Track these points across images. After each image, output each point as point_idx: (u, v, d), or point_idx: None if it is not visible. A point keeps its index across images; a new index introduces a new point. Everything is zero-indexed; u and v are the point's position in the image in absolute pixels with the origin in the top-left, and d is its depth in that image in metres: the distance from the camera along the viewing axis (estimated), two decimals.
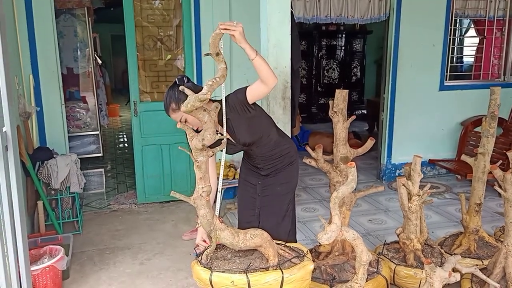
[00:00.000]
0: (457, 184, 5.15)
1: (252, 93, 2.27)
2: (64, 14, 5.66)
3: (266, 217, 2.59)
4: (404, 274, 2.88)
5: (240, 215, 2.76)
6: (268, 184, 2.57)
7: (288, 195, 2.61)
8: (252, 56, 2.14)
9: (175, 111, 2.29)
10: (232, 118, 2.32)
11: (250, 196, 2.65)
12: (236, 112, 2.31)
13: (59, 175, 3.73)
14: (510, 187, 2.51)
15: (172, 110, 2.29)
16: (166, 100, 2.30)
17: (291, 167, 2.57)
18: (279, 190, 2.56)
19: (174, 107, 2.28)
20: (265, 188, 2.58)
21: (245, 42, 2.11)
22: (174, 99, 2.26)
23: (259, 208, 2.61)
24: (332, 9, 4.67)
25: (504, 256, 2.57)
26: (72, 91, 6.06)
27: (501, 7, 5.24)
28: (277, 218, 2.58)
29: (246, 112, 2.31)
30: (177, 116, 2.30)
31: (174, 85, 2.29)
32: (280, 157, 2.52)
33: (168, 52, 4.49)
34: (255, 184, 2.62)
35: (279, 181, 2.55)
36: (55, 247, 3.03)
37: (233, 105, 2.31)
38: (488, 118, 3.00)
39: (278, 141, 2.51)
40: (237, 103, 2.29)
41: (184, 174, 4.58)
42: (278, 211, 2.58)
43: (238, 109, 2.30)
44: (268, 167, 2.54)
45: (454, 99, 5.24)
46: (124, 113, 10.74)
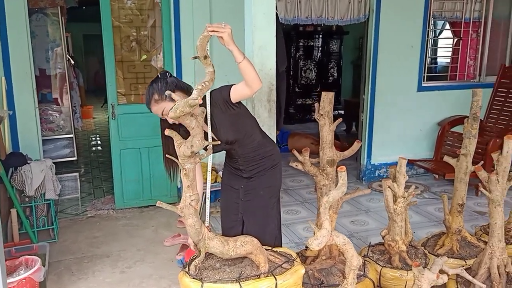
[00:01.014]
0: (435, 183, 5.23)
1: (235, 93, 2.24)
2: (36, 13, 5.47)
3: (250, 223, 2.54)
4: (390, 276, 2.88)
5: (223, 221, 2.70)
6: (251, 188, 2.51)
7: (272, 199, 2.57)
8: (240, 59, 2.11)
9: (157, 102, 2.25)
10: (215, 114, 2.29)
11: (233, 201, 2.59)
12: (219, 109, 2.28)
13: (33, 181, 3.59)
14: (495, 188, 2.54)
15: (155, 101, 2.25)
16: (148, 92, 2.27)
17: (274, 170, 2.53)
18: (262, 194, 2.51)
19: (156, 97, 2.25)
20: (248, 193, 2.52)
21: (233, 44, 2.07)
22: (157, 90, 2.24)
23: (242, 213, 2.55)
24: (312, 10, 4.66)
25: (489, 256, 2.60)
26: (45, 93, 5.86)
27: (477, 9, 5.34)
28: (262, 223, 2.53)
29: (229, 109, 2.28)
30: (159, 109, 2.27)
31: (156, 79, 2.29)
32: (262, 159, 2.48)
33: (145, 52, 4.39)
34: (237, 188, 2.56)
35: (262, 185, 2.51)
36: (31, 257, 2.90)
37: (216, 101, 2.28)
38: (470, 119, 3.03)
39: (261, 142, 2.47)
40: (221, 100, 2.27)
41: (164, 178, 4.44)
42: (263, 216, 2.54)
43: (221, 106, 2.28)
44: (251, 169, 2.49)
45: (432, 100, 5.31)
46: (97, 115, 10.50)
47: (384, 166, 5.24)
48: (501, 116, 5.12)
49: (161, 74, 2.32)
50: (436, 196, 4.80)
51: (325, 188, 2.77)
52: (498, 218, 2.57)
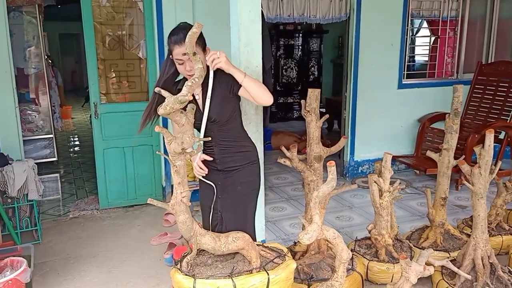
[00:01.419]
0: (416, 179, 5.33)
1: (243, 93, 2.29)
2: (14, 11, 5.35)
3: (229, 220, 2.47)
4: (377, 270, 2.94)
5: (204, 219, 2.62)
6: (228, 184, 2.44)
7: (250, 196, 2.50)
8: (241, 78, 2.21)
9: (181, 46, 2.19)
10: (212, 88, 2.28)
11: (211, 198, 2.50)
12: (219, 85, 2.29)
13: (15, 182, 3.51)
14: (478, 181, 2.61)
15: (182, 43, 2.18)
16: (185, 32, 2.08)
17: (252, 166, 2.47)
18: (239, 189, 2.44)
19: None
20: (225, 190, 2.45)
21: (232, 67, 2.18)
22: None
23: (220, 211, 2.48)
24: (294, 9, 4.70)
25: (473, 248, 2.67)
26: (23, 93, 5.72)
27: (454, 8, 5.46)
28: (241, 220, 2.47)
29: (228, 92, 2.30)
30: (181, 51, 2.19)
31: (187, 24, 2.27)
32: (239, 152, 2.43)
33: (127, 50, 4.34)
34: (214, 185, 2.47)
35: (239, 179, 2.44)
36: (16, 258, 2.84)
37: (220, 79, 2.28)
38: (452, 115, 3.11)
39: (240, 135, 2.44)
40: (227, 81, 2.28)
41: (148, 177, 4.45)
42: (241, 212, 2.48)
43: (223, 84, 2.29)
44: (225, 161, 2.42)
45: (412, 97, 5.41)
46: (76, 115, 10.34)
47: (367, 162, 5.32)
48: (479, 112, 5.26)
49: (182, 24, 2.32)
50: (417, 191, 4.90)
51: (313, 184, 2.81)
52: (481, 210, 2.65)
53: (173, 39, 2.24)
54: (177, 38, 2.21)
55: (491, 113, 5.13)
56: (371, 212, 4.00)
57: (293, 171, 5.47)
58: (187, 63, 2.24)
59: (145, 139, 4.35)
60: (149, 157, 4.41)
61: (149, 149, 4.39)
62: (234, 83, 2.27)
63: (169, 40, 2.27)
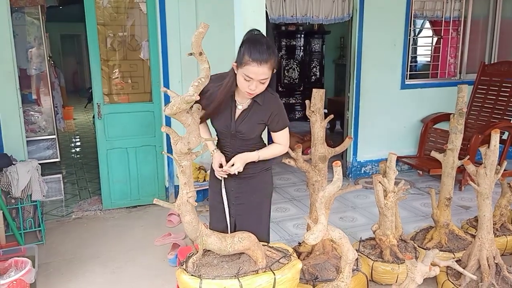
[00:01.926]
0: (419, 179, 5.32)
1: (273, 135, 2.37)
2: (16, 12, 5.35)
3: (243, 226, 2.42)
4: (382, 270, 2.93)
5: (213, 222, 2.55)
6: (242, 191, 2.41)
7: (265, 203, 2.49)
8: (256, 158, 2.30)
9: (269, 68, 2.10)
10: (253, 109, 2.27)
11: (223, 203, 2.45)
12: (258, 112, 2.27)
13: (19, 182, 3.51)
14: (483, 181, 2.60)
15: (270, 64, 2.09)
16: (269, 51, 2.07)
17: (266, 172, 2.45)
18: (254, 198, 2.42)
19: (272, 63, 2.10)
20: (238, 196, 2.42)
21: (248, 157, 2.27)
22: (275, 58, 2.13)
23: (233, 217, 2.44)
24: (297, 9, 4.69)
25: (478, 248, 2.67)
26: (26, 94, 5.72)
27: (457, 8, 5.46)
28: (255, 226, 2.43)
29: (263, 123, 2.31)
30: (260, 73, 2.08)
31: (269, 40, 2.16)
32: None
33: (130, 51, 4.34)
34: (228, 192, 2.44)
35: (254, 186, 2.42)
36: (21, 259, 2.84)
37: (260, 110, 2.26)
38: (456, 115, 3.10)
39: (259, 144, 2.41)
40: (270, 112, 2.27)
41: (152, 177, 4.45)
42: (256, 221, 2.45)
43: (263, 113, 2.27)
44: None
45: (414, 97, 5.41)
46: (78, 116, 10.34)
47: (369, 163, 5.32)
48: (482, 113, 5.25)
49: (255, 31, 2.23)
50: (421, 191, 4.89)
51: (317, 184, 2.80)
52: (487, 210, 2.64)
53: (253, 57, 2.05)
54: (261, 58, 2.05)
55: (494, 113, 5.12)
56: (374, 213, 4.00)
57: (296, 171, 5.48)
58: (255, 83, 2.11)
59: (148, 140, 4.35)
60: (152, 158, 4.41)
61: (152, 150, 4.38)
62: (282, 122, 2.32)
63: (247, 54, 2.07)
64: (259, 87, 2.14)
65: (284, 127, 2.34)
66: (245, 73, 2.09)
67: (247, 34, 2.21)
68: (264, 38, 2.18)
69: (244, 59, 2.08)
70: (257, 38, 2.14)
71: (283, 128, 2.34)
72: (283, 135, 2.35)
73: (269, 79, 2.16)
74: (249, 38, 2.16)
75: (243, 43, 2.14)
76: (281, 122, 2.32)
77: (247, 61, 2.06)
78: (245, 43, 2.13)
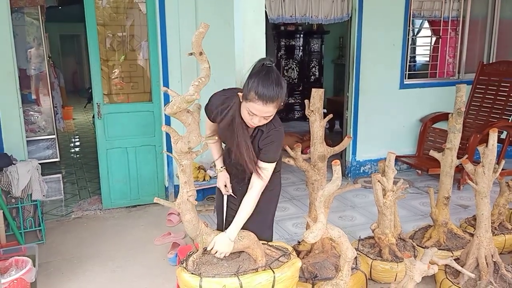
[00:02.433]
0: (418, 178, 5.34)
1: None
2: (16, 13, 5.36)
3: (248, 226, 2.36)
4: (381, 269, 2.95)
5: (226, 219, 2.55)
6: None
7: (272, 205, 2.53)
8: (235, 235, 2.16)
9: (274, 107, 2.05)
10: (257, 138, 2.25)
11: (233, 201, 2.49)
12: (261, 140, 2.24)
13: (19, 182, 3.52)
14: (481, 180, 2.62)
15: (276, 104, 2.04)
16: (278, 90, 2.00)
17: (274, 175, 2.41)
18: (262, 199, 2.35)
19: (278, 103, 2.04)
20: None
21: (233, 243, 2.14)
22: (282, 97, 2.05)
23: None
24: (296, 9, 4.71)
25: (476, 247, 2.68)
26: (25, 94, 5.74)
27: (455, 8, 5.48)
28: (261, 227, 2.47)
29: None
30: (264, 111, 2.03)
31: (280, 76, 2.07)
32: None
33: (129, 51, 4.35)
34: (236, 190, 2.50)
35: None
36: (21, 258, 2.86)
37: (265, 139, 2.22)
38: (455, 114, 3.11)
39: None
40: (264, 144, 2.23)
41: (152, 177, 4.46)
42: (261, 221, 2.46)
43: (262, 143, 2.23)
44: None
45: (413, 97, 5.42)
46: (77, 116, 10.35)
47: (368, 162, 5.33)
48: (480, 112, 5.27)
49: (269, 63, 2.09)
50: (419, 191, 4.91)
51: (317, 183, 2.82)
52: (485, 209, 2.66)
53: (260, 94, 1.98)
54: (268, 97, 1.98)
55: (492, 113, 5.14)
56: (373, 212, 4.01)
57: (295, 171, 5.49)
58: (258, 118, 2.06)
59: (148, 140, 4.36)
60: (152, 158, 4.42)
61: (152, 150, 4.39)
62: (273, 154, 2.24)
63: (254, 90, 1.99)
64: (262, 121, 2.09)
65: (271, 161, 2.22)
66: (249, 108, 2.03)
67: (258, 64, 2.08)
68: (274, 73, 2.04)
69: (250, 95, 2.00)
70: (267, 74, 2.02)
71: (269, 162, 2.21)
72: (266, 168, 2.21)
73: (274, 114, 2.10)
74: (258, 72, 2.03)
75: (252, 77, 2.03)
76: (272, 154, 2.22)
77: (253, 98, 1.99)
78: (254, 77, 2.02)
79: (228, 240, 2.10)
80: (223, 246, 2.09)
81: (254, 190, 2.21)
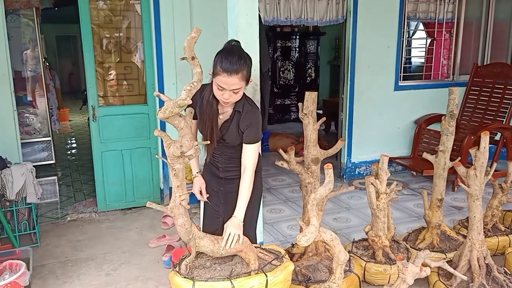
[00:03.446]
0: (413, 180, 5.36)
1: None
2: (11, 14, 5.36)
3: None
4: (375, 271, 2.96)
5: (205, 223, 2.67)
6: (230, 191, 2.47)
7: (252, 203, 2.48)
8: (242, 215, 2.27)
9: (239, 78, 2.15)
10: (234, 120, 2.33)
11: (213, 203, 2.58)
12: (240, 124, 2.31)
13: (14, 185, 3.52)
14: (473, 183, 2.64)
15: (242, 75, 2.15)
16: (240, 62, 2.13)
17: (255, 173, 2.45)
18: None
19: (244, 74, 2.16)
20: (227, 195, 2.50)
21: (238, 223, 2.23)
22: (247, 68, 2.19)
23: (222, 216, 2.51)
24: (292, 11, 4.72)
25: (469, 249, 2.70)
26: (21, 96, 5.73)
27: (450, 10, 5.50)
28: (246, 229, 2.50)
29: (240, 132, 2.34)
30: (232, 83, 2.13)
31: (243, 52, 2.21)
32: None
33: (125, 53, 4.36)
34: (217, 191, 2.56)
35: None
36: (15, 262, 2.85)
37: (243, 121, 2.30)
38: (448, 117, 3.13)
39: None
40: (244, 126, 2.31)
41: (147, 179, 4.46)
42: (246, 221, 2.42)
43: (242, 125, 2.31)
44: (228, 169, 2.48)
45: (408, 99, 5.44)
46: (73, 118, 10.33)
47: (363, 164, 5.35)
48: (475, 114, 5.29)
49: (233, 42, 2.27)
50: (414, 192, 4.93)
51: (310, 186, 2.83)
52: (477, 211, 2.67)
53: (224, 67, 2.12)
54: (231, 69, 2.11)
55: (487, 114, 5.16)
56: (368, 214, 4.01)
57: (290, 173, 5.50)
58: (228, 93, 2.17)
59: (143, 142, 4.37)
60: (147, 160, 4.42)
61: (147, 152, 4.40)
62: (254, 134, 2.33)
63: (219, 64, 2.14)
64: (233, 96, 2.20)
65: (255, 141, 2.33)
66: (217, 82, 2.16)
67: (225, 44, 2.28)
68: (237, 48, 2.21)
69: (216, 69, 2.15)
70: (231, 49, 2.20)
71: (253, 143, 2.33)
72: (251, 150, 2.32)
73: (242, 88, 2.21)
74: (223, 49, 2.22)
75: (217, 54, 2.20)
76: (254, 135, 2.32)
77: (218, 71, 2.13)
78: (219, 53, 2.19)
79: (239, 222, 2.22)
80: (236, 228, 2.18)
81: (248, 171, 2.31)
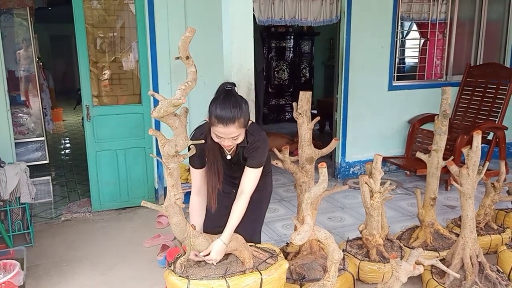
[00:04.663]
0: (407, 179, 5.39)
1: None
2: (4, 14, 5.33)
3: (243, 225, 2.41)
4: (368, 269, 2.98)
5: (211, 222, 2.56)
6: None
7: (264, 203, 2.60)
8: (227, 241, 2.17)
9: (236, 127, 2.10)
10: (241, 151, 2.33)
11: (224, 205, 2.49)
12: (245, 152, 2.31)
13: (8, 185, 3.50)
14: (466, 182, 2.66)
15: (238, 124, 2.10)
16: (236, 110, 2.07)
17: (265, 177, 2.53)
18: (255, 196, 2.41)
19: (242, 122, 2.11)
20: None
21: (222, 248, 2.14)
22: (245, 116, 2.12)
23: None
24: (286, 12, 4.73)
25: (462, 247, 2.72)
26: (14, 95, 5.70)
27: (443, 11, 5.54)
28: (254, 226, 2.55)
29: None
30: (230, 132, 2.10)
31: (243, 101, 2.15)
32: None
33: (119, 53, 4.35)
34: (229, 193, 2.55)
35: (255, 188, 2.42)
36: (9, 261, 2.85)
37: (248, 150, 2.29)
38: (440, 116, 3.16)
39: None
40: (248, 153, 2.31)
41: (141, 179, 4.46)
42: (256, 218, 2.55)
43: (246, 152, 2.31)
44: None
45: (402, 99, 5.48)
46: (67, 118, 10.30)
47: (358, 163, 5.37)
48: (468, 114, 5.33)
49: (230, 86, 2.18)
50: (408, 191, 4.96)
51: (305, 185, 2.84)
52: (469, 210, 2.70)
53: (219, 117, 2.06)
54: (226, 120, 2.05)
55: (480, 114, 5.21)
56: (362, 213, 4.03)
57: (285, 172, 5.48)
58: (227, 140, 2.13)
59: (138, 142, 4.36)
60: (141, 160, 4.42)
61: (142, 152, 4.39)
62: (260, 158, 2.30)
63: (214, 114, 2.08)
64: (233, 142, 2.16)
65: (258, 166, 2.28)
66: (215, 132, 2.13)
67: (219, 88, 2.19)
68: (232, 95, 2.12)
69: (212, 120, 2.10)
70: (225, 97, 2.11)
71: (256, 167, 2.28)
72: (252, 175, 2.28)
73: (242, 133, 2.15)
74: (217, 96, 2.13)
75: (212, 102, 2.13)
76: (258, 159, 2.28)
77: (214, 121, 2.09)
78: (213, 101, 2.12)
79: (225, 247, 2.13)
80: (219, 254, 2.11)
81: (244, 195, 2.27)
